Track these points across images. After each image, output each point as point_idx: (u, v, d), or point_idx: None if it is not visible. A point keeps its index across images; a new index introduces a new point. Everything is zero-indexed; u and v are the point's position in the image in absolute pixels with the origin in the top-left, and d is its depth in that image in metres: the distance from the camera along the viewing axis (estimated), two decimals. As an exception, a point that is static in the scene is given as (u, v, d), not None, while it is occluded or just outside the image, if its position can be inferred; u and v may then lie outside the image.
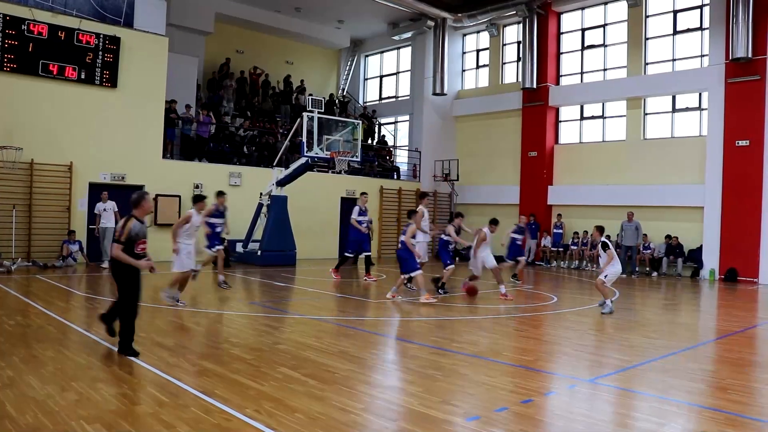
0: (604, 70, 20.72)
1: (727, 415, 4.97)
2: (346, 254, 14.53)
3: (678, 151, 18.49)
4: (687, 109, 18.80)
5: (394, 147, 25.82)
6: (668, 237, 18.13)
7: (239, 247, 17.66)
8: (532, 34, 21.05)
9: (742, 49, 16.24)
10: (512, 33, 23.19)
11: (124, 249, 6.23)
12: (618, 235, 18.06)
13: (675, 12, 19.02)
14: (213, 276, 12.88)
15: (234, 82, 22.17)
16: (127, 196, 19.30)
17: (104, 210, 15.14)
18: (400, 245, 11.15)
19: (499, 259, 13.08)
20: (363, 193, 14.92)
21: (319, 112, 16.35)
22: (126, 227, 6.29)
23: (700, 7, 18.41)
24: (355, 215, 14.15)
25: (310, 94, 22.10)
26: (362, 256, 14.50)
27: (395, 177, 23.48)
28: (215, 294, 11.29)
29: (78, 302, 10.35)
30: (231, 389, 5.31)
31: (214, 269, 12.76)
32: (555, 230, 20.64)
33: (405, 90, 25.72)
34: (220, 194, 11.67)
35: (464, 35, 24.71)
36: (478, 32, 24.21)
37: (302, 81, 24.89)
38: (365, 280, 13.95)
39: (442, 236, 12.42)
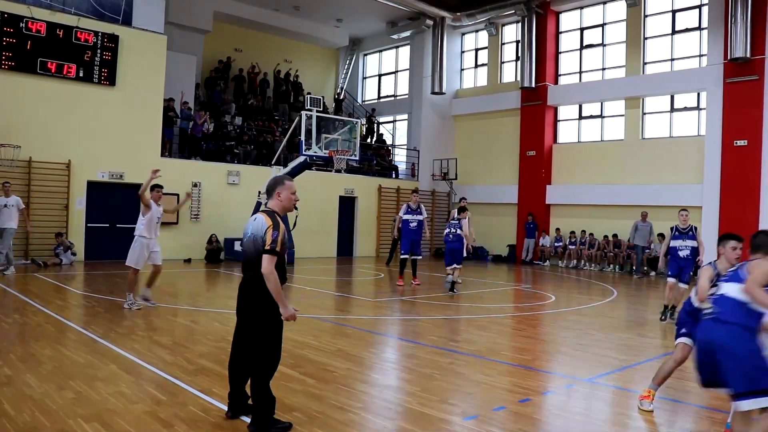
0: (603, 69, 20.71)
1: (725, 415, 4.97)
2: (402, 256, 13.54)
3: (676, 150, 18.50)
4: (685, 109, 18.81)
5: (393, 146, 25.82)
6: (661, 236, 18.11)
7: (237, 246, 17.64)
8: (530, 34, 21.04)
9: (741, 49, 16.25)
10: (511, 32, 23.18)
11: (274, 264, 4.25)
12: (630, 234, 18.05)
13: (674, 12, 19.02)
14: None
15: (224, 83, 22.06)
16: (124, 195, 18.82)
17: (5, 206, 12.55)
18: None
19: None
20: (413, 191, 14.61)
21: (317, 111, 16.34)
22: (280, 230, 4.31)
23: (699, 6, 18.40)
24: (401, 213, 13.44)
25: (309, 93, 22.07)
26: (409, 258, 13.34)
27: (393, 176, 23.48)
28: (212, 292, 11.27)
29: (76, 300, 10.33)
30: (229, 388, 5.29)
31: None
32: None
33: (403, 89, 25.69)
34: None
35: (463, 34, 24.69)
36: (476, 31, 24.19)
37: (297, 76, 24.87)
38: (412, 284, 13.01)
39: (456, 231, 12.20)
